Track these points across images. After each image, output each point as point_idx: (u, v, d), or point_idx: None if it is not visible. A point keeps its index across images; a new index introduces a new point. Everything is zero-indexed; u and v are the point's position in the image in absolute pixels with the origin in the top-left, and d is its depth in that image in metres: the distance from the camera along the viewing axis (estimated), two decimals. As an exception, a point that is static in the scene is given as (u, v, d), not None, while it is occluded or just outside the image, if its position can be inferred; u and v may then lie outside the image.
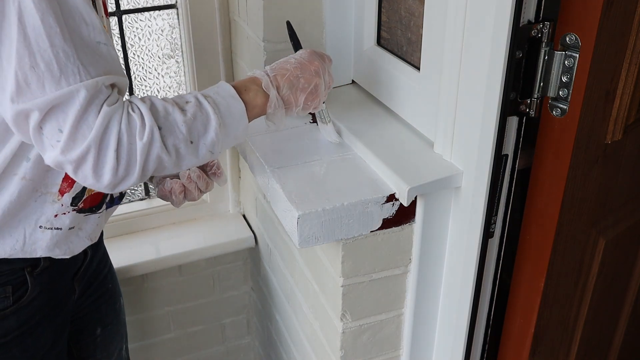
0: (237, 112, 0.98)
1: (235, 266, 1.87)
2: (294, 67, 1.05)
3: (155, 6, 1.59)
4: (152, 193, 1.80)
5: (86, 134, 0.84)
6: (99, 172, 0.87)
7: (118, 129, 0.86)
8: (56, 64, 0.82)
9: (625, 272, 1.41)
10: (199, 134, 0.93)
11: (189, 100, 0.94)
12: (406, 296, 1.19)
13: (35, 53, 0.81)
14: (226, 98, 0.97)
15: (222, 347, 2.01)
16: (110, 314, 1.39)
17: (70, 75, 0.83)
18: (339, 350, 1.19)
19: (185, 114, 0.92)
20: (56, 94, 0.83)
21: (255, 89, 1.01)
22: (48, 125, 0.84)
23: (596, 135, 1.04)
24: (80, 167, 0.86)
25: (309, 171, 1.12)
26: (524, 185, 1.12)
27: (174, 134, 0.91)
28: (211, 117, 0.94)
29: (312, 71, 1.06)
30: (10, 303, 1.10)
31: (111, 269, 1.40)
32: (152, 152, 0.88)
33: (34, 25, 0.80)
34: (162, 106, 0.91)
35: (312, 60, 1.08)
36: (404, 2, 1.18)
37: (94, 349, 1.38)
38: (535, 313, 1.18)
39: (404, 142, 1.16)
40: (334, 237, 1.05)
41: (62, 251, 1.11)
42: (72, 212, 1.08)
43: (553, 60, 0.96)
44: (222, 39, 1.60)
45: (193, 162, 0.95)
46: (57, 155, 0.86)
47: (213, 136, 0.94)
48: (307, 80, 1.05)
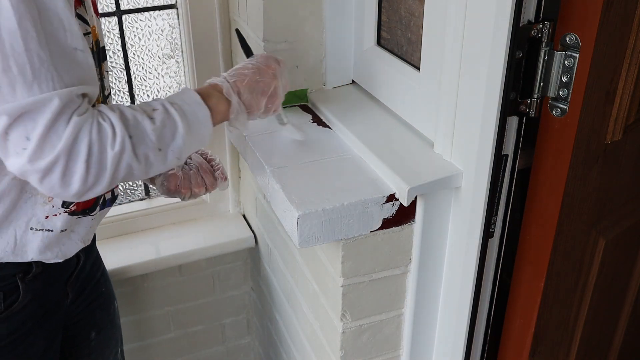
0: (203, 118, 0.98)
1: (235, 266, 1.87)
2: (252, 72, 1.06)
3: (155, 6, 1.59)
4: (152, 193, 1.80)
5: (55, 143, 0.83)
6: (68, 181, 0.86)
7: (89, 138, 0.85)
8: (30, 68, 0.81)
9: (625, 272, 1.41)
10: (167, 141, 0.93)
11: (156, 107, 0.94)
12: (406, 296, 1.19)
13: (9, 56, 0.80)
14: (192, 105, 0.98)
15: (222, 347, 2.01)
16: (105, 318, 1.38)
17: (43, 82, 0.82)
18: (339, 350, 1.19)
19: (154, 122, 0.92)
20: (28, 101, 0.81)
21: (217, 95, 1.02)
22: (15, 131, 0.83)
23: (596, 135, 1.04)
24: (47, 177, 0.85)
25: (309, 171, 1.12)
26: (524, 185, 1.12)
27: (144, 142, 0.90)
28: (178, 124, 0.94)
29: (270, 74, 1.08)
30: (2, 310, 1.08)
31: (104, 273, 1.39)
32: (123, 160, 0.88)
33: (10, 29, 0.79)
34: (131, 115, 0.91)
35: (269, 63, 1.09)
36: (404, 2, 1.18)
37: (88, 353, 1.37)
38: (535, 313, 1.18)
39: (404, 142, 1.16)
40: (334, 237, 1.05)
41: (53, 254, 1.10)
42: (63, 213, 1.07)
43: (553, 60, 0.96)
44: (222, 39, 1.60)
45: (160, 169, 0.96)
46: (23, 164, 0.84)
47: (180, 143, 0.95)
48: (266, 84, 1.07)
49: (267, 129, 1.27)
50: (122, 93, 1.65)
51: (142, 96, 1.68)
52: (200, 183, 1.23)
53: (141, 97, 1.68)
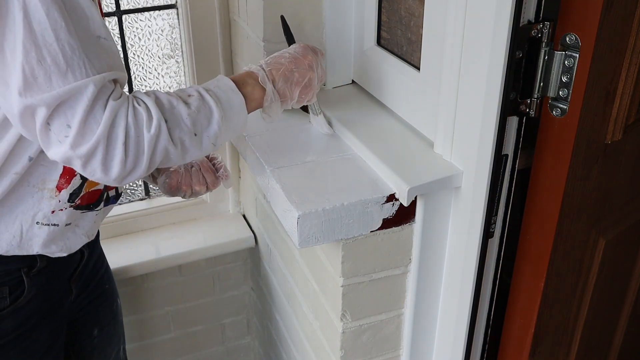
0: (237, 105, 1.00)
1: (235, 266, 1.87)
2: (288, 62, 1.07)
3: (155, 6, 1.59)
4: (152, 193, 1.80)
5: (94, 128, 0.85)
6: (108, 165, 0.87)
7: (125, 122, 0.87)
8: (62, 57, 0.83)
9: (625, 272, 1.41)
10: (203, 127, 0.95)
11: (191, 93, 0.96)
12: (406, 296, 1.19)
13: (42, 47, 0.82)
14: (227, 92, 0.99)
15: (222, 347, 2.01)
16: (108, 315, 1.39)
17: (77, 69, 0.84)
18: (339, 350, 1.19)
19: (189, 107, 0.93)
20: (64, 89, 0.83)
21: (252, 82, 1.03)
22: (56, 120, 0.85)
23: (596, 135, 1.04)
24: (90, 162, 0.87)
25: (309, 171, 1.12)
26: (524, 185, 1.12)
27: (179, 127, 0.92)
28: (214, 110, 0.96)
29: (306, 65, 1.09)
30: (7, 304, 1.09)
31: (108, 270, 1.39)
32: (160, 144, 0.90)
33: (40, 20, 0.81)
34: (166, 99, 0.92)
35: (306, 54, 1.10)
36: (404, 2, 1.18)
37: (91, 350, 1.37)
38: (535, 313, 1.18)
39: (404, 142, 1.16)
40: (334, 237, 1.05)
41: (58, 247, 1.11)
42: (69, 208, 1.08)
43: (553, 60, 0.96)
44: (222, 39, 1.60)
45: (197, 155, 0.97)
46: (66, 151, 0.86)
47: (216, 129, 0.96)
48: (301, 74, 1.08)
49: (267, 128, 1.27)
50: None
51: (142, 96, 1.68)
52: (201, 181, 1.23)
53: (141, 97, 1.68)
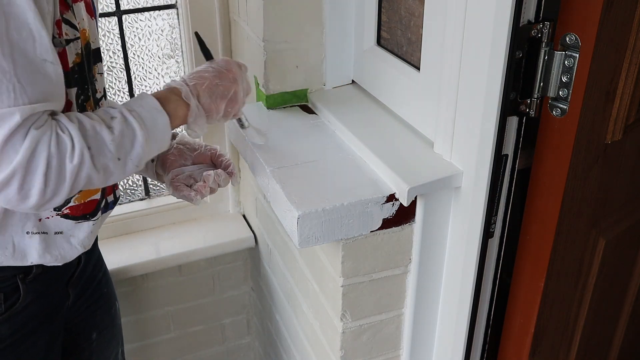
0: (162, 124, 0.98)
1: (235, 266, 1.87)
2: (212, 75, 1.05)
3: (155, 6, 1.59)
4: (152, 193, 1.80)
5: (12, 157, 0.82)
6: (25, 194, 0.85)
7: (47, 152, 0.84)
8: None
9: (625, 272, 1.41)
10: (127, 151, 0.93)
11: (114, 115, 0.93)
12: (406, 296, 1.19)
13: None
14: (150, 111, 0.97)
15: (222, 347, 2.01)
16: (106, 319, 1.38)
17: (4, 92, 0.81)
18: (339, 350, 1.19)
19: (112, 132, 0.91)
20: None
21: (175, 99, 1.01)
22: None
23: (596, 135, 1.04)
24: (4, 190, 0.84)
25: (309, 171, 1.12)
26: (524, 185, 1.12)
27: (102, 153, 0.90)
28: (137, 133, 0.94)
29: (230, 78, 1.07)
30: (2, 310, 1.08)
31: (106, 273, 1.38)
32: (82, 172, 0.88)
33: None
34: (90, 125, 0.90)
35: (230, 68, 1.08)
36: (404, 2, 1.18)
37: (89, 354, 1.37)
38: (535, 313, 1.18)
39: (404, 142, 1.16)
40: (334, 237, 1.05)
41: (53, 257, 1.10)
42: (55, 216, 1.07)
43: (553, 60, 0.96)
44: (222, 39, 1.60)
45: (120, 177, 0.96)
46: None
47: (139, 151, 0.94)
48: (226, 88, 1.06)
49: (267, 128, 1.27)
50: (122, 93, 1.65)
51: (142, 96, 1.68)
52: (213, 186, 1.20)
53: (141, 97, 1.68)
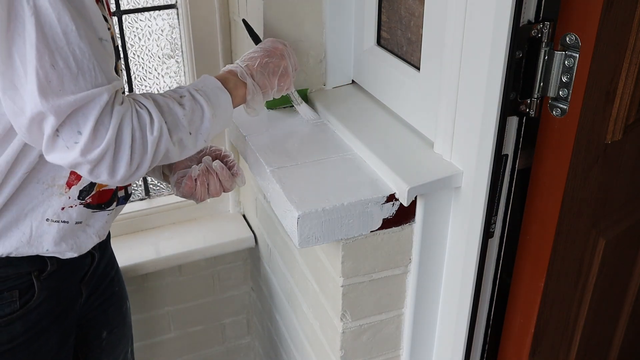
0: (224, 101, 1.06)
1: (235, 266, 1.87)
2: (261, 55, 1.14)
3: (155, 6, 1.59)
4: (152, 193, 1.80)
5: (103, 134, 0.88)
6: (115, 167, 0.91)
7: (131, 126, 0.90)
8: (74, 61, 0.84)
9: (625, 272, 1.41)
10: (197, 125, 1.00)
11: (183, 94, 1.01)
12: (406, 296, 1.19)
13: (54, 51, 0.83)
14: (214, 89, 1.05)
15: (222, 347, 2.01)
16: (117, 318, 1.39)
17: (87, 72, 0.86)
18: (339, 350, 1.19)
19: (184, 108, 0.98)
20: (79, 96, 0.85)
21: (233, 79, 1.10)
22: (67, 128, 0.86)
23: (596, 135, 1.04)
24: (98, 166, 0.89)
25: (309, 171, 1.12)
26: (524, 185, 1.12)
27: (177, 127, 0.97)
28: (205, 109, 1.01)
29: (278, 55, 1.16)
30: (17, 307, 1.09)
31: (118, 272, 1.40)
32: (162, 144, 0.94)
33: (51, 24, 0.82)
34: (164, 102, 0.97)
35: (275, 45, 1.17)
36: (404, 2, 1.18)
37: (99, 352, 1.37)
38: (535, 313, 1.18)
39: (404, 142, 1.16)
40: (334, 237, 1.05)
41: (68, 246, 1.11)
42: (79, 205, 1.09)
43: (553, 60, 0.96)
44: (222, 39, 1.60)
45: (192, 151, 1.02)
46: (75, 157, 0.88)
47: (208, 126, 1.02)
48: (275, 64, 1.15)
49: (267, 128, 1.27)
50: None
51: (142, 96, 1.68)
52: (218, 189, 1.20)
53: (141, 97, 1.68)
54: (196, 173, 1.17)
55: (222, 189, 1.19)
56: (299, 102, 1.29)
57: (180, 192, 1.19)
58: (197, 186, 1.17)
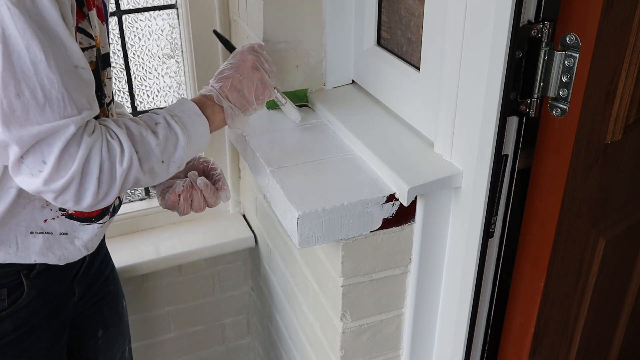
0: (201, 128, 1.04)
1: (235, 266, 1.87)
2: (232, 72, 1.09)
3: (155, 6, 1.59)
4: (152, 193, 1.80)
5: (69, 165, 0.87)
6: (81, 197, 0.90)
7: (100, 157, 0.89)
8: (41, 91, 0.83)
9: (625, 272, 1.41)
10: (170, 154, 0.99)
11: (158, 121, 0.99)
12: (406, 296, 1.19)
13: (21, 81, 0.82)
14: (191, 116, 1.03)
15: (222, 347, 2.01)
16: (113, 316, 1.39)
17: (55, 103, 0.84)
18: (339, 350, 1.19)
19: (157, 137, 0.97)
20: (44, 127, 0.84)
21: (210, 104, 1.07)
22: (31, 156, 0.86)
23: (596, 135, 1.04)
24: (62, 195, 0.89)
25: (309, 171, 1.12)
26: (524, 185, 1.12)
27: (149, 157, 0.96)
28: (179, 137, 1.00)
29: (249, 68, 1.10)
30: (6, 306, 1.09)
31: (113, 271, 1.39)
32: (131, 175, 0.94)
33: (19, 53, 0.81)
34: (137, 131, 0.95)
35: (245, 57, 1.12)
36: (404, 2, 1.18)
37: (95, 351, 1.37)
38: (535, 313, 1.18)
39: (404, 142, 1.16)
40: (334, 237, 1.05)
41: (56, 257, 1.11)
42: (61, 216, 1.08)
43: (553, 60, 0.96)
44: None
45: (163, 178, 1.01)
46: (39, 185, 0.88)
47: (182, 154, 1.00)
48: (249, 79, 1.09)
49: (267, 128, 1.27)
50: (122, 93, 1.65)
51: (142, 96, 1.68)
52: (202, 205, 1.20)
53: (141, 97, 1.68)
54: (180, 189, 1.16)
55: (205, 204, 1.19)
56: (282, 102, 1.26)
57: (164, 204, 1.19)
58: (180, 201, 1.16)
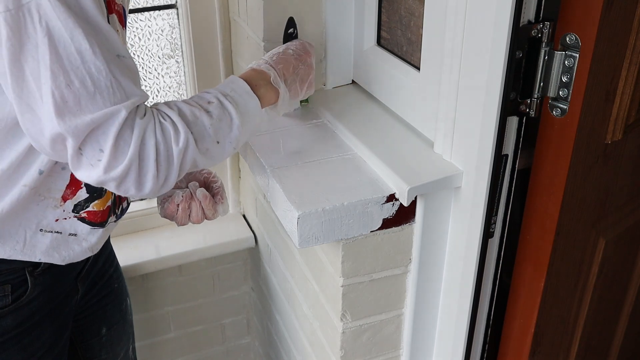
0: (254, 108, 1.01)
1: (235, 266, 1.87)
2: (294, 59, 1.10)
3: (155, 6, 1.59)
4: (152, 193, 1.80)
5: (125, 150, 0.86)
6: (142, 182, 0.89)
7: (155, 139, 0.88)
8: (90, 80, 0.83)
9: (625, 272, 1.41)
10: (224, 134, 0.97)
11: (211, 100, 0.97)
12: (406, 296, 1.19)
13: (69, 71, 0.82)
14: (243, 95, 1.01)
15: (222, 347, 2.01)
16: (116, 315, 1.39)
17: (105, 90, 0.84)
18: (339, 350, 1.19)
19: (211, 117, 0.95)
20: (97, 115, 0.84)
21: (264, 84, 1.04)
22: (89, 146, 0.86)
23: (596, 135, 1.04)
24: (124, 182, 0.88)
25: (309, 171, 1.12)
26: (524, 185, 1.12)
27: (204, 137, 0.94)
28: (234, 117, 0.97)
29: (309, 62, 1.12)
30: (9, 302, 1.09)
31: (117, 269, 1.39)
32: (188, 155, 0.92)
33: (65, 44, 0.82)
34: (189, 111, 0.93)
35: (307, 50, 1.14)
36: (404, 2, 1.18)
37: (99, 349, 1.37)
38: (535, 313, 1.18)
39: (404, 142, 1.16)
40: (334, 237, 1.05)
41: (61, 257, 1.11)
42: (72, 218, 1.09)
43: (553, 60, 0.96)
44: (222, 39, 1.60)
45: (221, 159, 0.99)
46: (100, 175, 0.87)
47: (237, 134, 0.98)
48: (306, 72, 1.11)
49: (267, 128, 1.27)
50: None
51: (142, 96, 1.68)
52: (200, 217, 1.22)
53: (141, 97, 1.68)
54: (179, 199, 1.16)
55: (204, 216, 1.20)
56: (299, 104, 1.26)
57: (162, 213, 1.20)
58: (179, 212, 1.17)
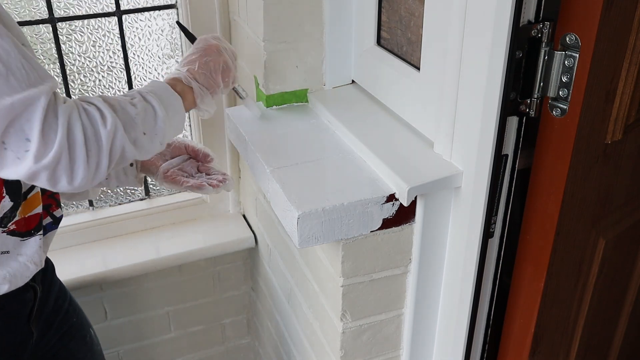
0: (176, 103, 1.05)
1: (235, 266, 1.87)
2: (199, 56, 1.13)
3: (155, 6, 1.59)
4: (152, 193, 1.80)
5: (52, 136, 0.84)
6: (73, 170, 0.87)
7: (81, 123, 0.87)
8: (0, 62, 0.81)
9: (625, 272, 1.41)
10: (151, 126, 0.98)
11: (134, 96, 0.99)
12: (406, 296, 1.19)
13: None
14: (164, 92, 1.04)
15: (222, 347, 2.01)
16: (82, 349, 1.33)
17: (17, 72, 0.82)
18: (339, 350, 1.19)
19: (135, 107, 0.96)
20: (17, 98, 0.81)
21: (180, 85, 1.09)
22: (13, 137, 0.82)
23: (596, 135, 1.04)
24: (56, 170, 0.86)
25: (309, 171, 1.12)
26: (524, 185, 1.12)
27: (131, 126, 0.94)
28: (157, 110, 0.99)
29: (215, 52, 1.14)
30: None
31: (72, 303, 1.32)
32: (117, 140, 0.91)
33: None
34: (114, 100, 0.94)
35: (210, 43, 1.16)
36: (404, 2, 1.18)
37: None
38: (535, 313, 1.18)
39: (404, 142, 1.16)
40: (334, 237, 1.05)
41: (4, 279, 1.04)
42: (1, 233, 1.03)
43: (553, 60, 0.96)
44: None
45: (149, 152, 0.99)
46: (30, 166, 0.84)
47: (162, 126, 1.00)
48: (215, 62, 1.13)
49: (267, 128, 1.27)
50: (122, 93, 1.65)
51: (142, 96, 1.68)
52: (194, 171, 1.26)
53: (141, 97, 1.68)
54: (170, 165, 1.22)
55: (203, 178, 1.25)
56: (243, 95, 1.27)
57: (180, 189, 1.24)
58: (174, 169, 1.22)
